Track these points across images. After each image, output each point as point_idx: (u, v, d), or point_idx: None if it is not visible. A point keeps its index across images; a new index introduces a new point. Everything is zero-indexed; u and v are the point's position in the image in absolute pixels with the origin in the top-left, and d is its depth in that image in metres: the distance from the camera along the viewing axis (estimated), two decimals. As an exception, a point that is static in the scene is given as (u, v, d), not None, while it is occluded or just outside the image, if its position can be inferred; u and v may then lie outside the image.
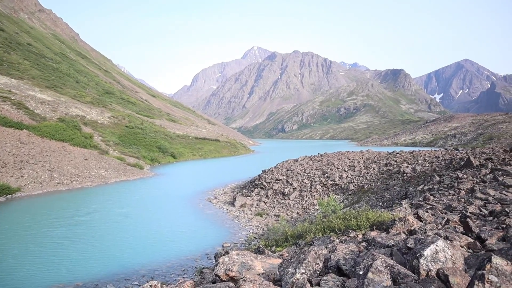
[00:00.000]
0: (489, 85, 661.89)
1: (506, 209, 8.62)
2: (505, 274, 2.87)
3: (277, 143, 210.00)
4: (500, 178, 14.59)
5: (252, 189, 32.11)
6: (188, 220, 23.51)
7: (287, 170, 35.20)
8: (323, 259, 4.49)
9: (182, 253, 16.58)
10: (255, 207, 27.41)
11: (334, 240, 6.76)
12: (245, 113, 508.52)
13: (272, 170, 35.78)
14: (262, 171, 37.12)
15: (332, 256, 4.58)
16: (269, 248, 9.42)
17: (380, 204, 20.97)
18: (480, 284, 2.64)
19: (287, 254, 6.17)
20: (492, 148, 36.95)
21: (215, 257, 11.99)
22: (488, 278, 2.68)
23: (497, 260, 3.02)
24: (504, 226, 6.95)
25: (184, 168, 55.60)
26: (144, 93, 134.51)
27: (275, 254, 6.75)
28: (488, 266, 2.99)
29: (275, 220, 23.21)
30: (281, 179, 32.39)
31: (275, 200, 28.76)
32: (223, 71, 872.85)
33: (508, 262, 3.01)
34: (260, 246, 8.61)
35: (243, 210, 26.50)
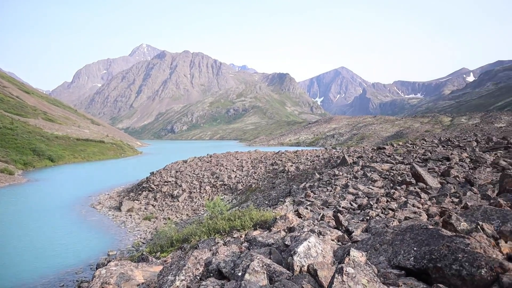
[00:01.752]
0: (361, 91, 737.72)
1: (371, 202, 9.65)
2: (360, 265, 3.20)
3: (166, 144, 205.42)
4: (369, 174, 16.27)
5: (140, 192, 30.89)
6: (69, 230, 21.47)
7: (176, 171, 34.65)
8: (204, 264, 4.48)
9: (61, 267, 15.11)
10: (143, 211, 26.41)
11: (218, 242, 6.81)
12: (133, 113, 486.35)
13: (161, 172, 34.88)
14: (150, 173, 35.92)
15: (213, 259, 4.59)
16: (154, 254, 9.11)
17: (267, 202, 21.77)
18: (339, 276, 2.89)
19: (171, 260, 6.05)
20: (363, 147, 41.13)
21: (97, 268, 11.23)
22: (346, 271, 2.94)
23: (354, 253, 3.35)
24: (368, 218, 7.78)
25: (64, 172, 50.94)
26: (15, 88, 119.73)
27: (158, 261, 6.55)
28: (347, 259, 3.31)
29: (164, 224, 22.63)
30: (170, 181, 31.74)
31: (164, 203, 28.06)
32: (109, 68, 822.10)
33: (363, 253, 3.36)
34: (144, 253, 8.28)
35: (130, 215, 25.33)
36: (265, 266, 3.81)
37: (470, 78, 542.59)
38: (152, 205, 27.67)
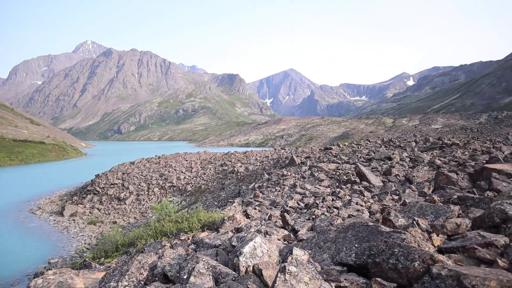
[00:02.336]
0: (309, 93, 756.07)
1: (317, 201, 9.91)
2: (303, 263, 3.28)
3: (113, 145, 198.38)
4: (316, 174, 16.70)
5: (84, 195, 29.62)
6: (5, 238, 20.05)
7: (123, 173, 33.61)
8: (148, 268, 4.38)
9: (-5, 279, 14.11)
10: (88, 215, 25.35)
11: (165, 245, 6.69)
12: (77, 112, 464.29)
13: (107, 174, 33.68)
14: (95, 175, 34.55)
15: (159, 263, 4.50)
16: (98, 260, 8.77)
17: (216, 203, 21.73)
18: (282, 275, 2.94)
19: (114, 265, 5.85)
20: (311, 147, 42.13)
21: (34, 277, 10.62)
22: (288, 269, 3.01)
23: (296, 251, 3.44)
24: (314, 216, 7.99)
25: (-1, 176, 47.76)
26: None
27: (102, 267, 6.31)
28: (289, 258, 3.38)
29: (110, 228, 21.83)
30: (116, 183, 30.72)
31: (110, 206, 27.11)
32: (50, 64, 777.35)
33: (305, 252, 3.46)
34: (87, 259, 7.93)
35: (74, 220, 24.21)
36: (210, 268, 3.80)
37: (410, 82, 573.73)
38: (98, 209, 26.63)
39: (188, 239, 7.16)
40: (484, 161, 13.42)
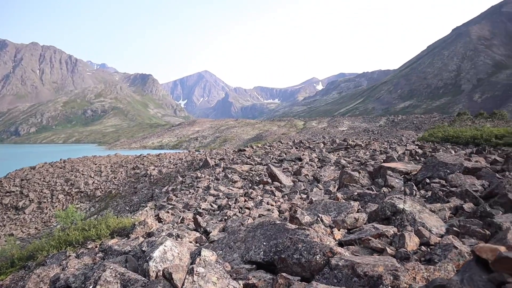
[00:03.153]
0: (224, 95, 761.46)
1: (230, 202, 10.07)
2: (211, 264, 3.34)
3: (9, 148, 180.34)
4: (230, 175, 16.90)
5: (-27, 206, 26.55)
6: None
7: (22, 180, 30.75)
8: (49, 281, 4.10)
9: None
10: (-23, 228, 22.78)
11: (70, 256, 6.28)
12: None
13: (1, 181, 30.52)
14: (-13, 183, 31.14)
15: (62, 275, 4.24)
16: (-11, 277, 7.93)
17: (128, 208, 20.96)
18: (190, 277, 2.97)
19: (8, 282, 5.35)
20: (225, 149, 42.47)
21: None
22: (196, 271, 3.04)
23: (205, 252, 3.49)
24: (226, 217, 8.11)
25: None
26: None
27: (-6, 284, 5.74)
28: (198, 259, 3.42)
29: (5, 241, 19.81)
30: (13, 191, 27.99)
31: (5, 217, 24.60)
32: None
33: (214, 252, 3.53)
34: (-24, 277, 7.14)
35: (-41, 234, 21.58)
36: (118, 275, 3.68)
37: (319, 87, 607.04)
38: (-10, 220, 24.06)
39: (96, 247, 6.82)
40: (382, 160, 14.71)
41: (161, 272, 3.74)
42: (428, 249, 3.55)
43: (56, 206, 25.74)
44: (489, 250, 2.13)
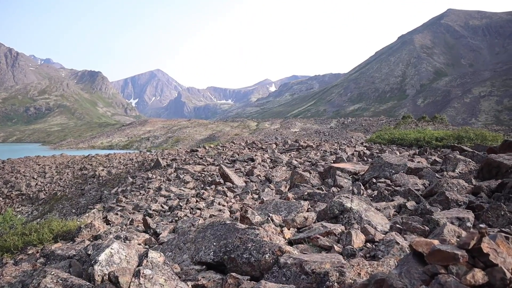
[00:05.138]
0: (176, 95, 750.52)
1: (181, 203, 9.94)
2: (158, 265, 3.28)
3: None
4: (182, 176, 16.68)
5: None
6: None
7: (-45, 182, 28.65)
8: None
9: None
10: None
11: (7, 263, 5.90)
12: None
13: None
14: None
15: (-4, 282, 3.99)
16: None
17: (74, 211, 20.21)
18: (136, 280, 2.90)
19: None
20: (177, 150, 41.87)
21: None
22: (143, 273, 2.98)
23: (152, 254, 3.42)
24: (177, 218, 8.00)
25: None
26: None
27: None
28: (145, 261, 3.35)
29: None
30: None
31: None
32: None
33: (161, 254, 3.46)
34: None
35: None
36: (60, 281, 3.52)
37: (272, 88, 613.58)
38: None
39: (37, 252, 6.47)
40: (332, 161, 15.11)
41: (107, 276, 3.62)
42: (373, 246, 3.69)
43: (-6, 210, 24.19)
44: (424, 244, 2.27)
